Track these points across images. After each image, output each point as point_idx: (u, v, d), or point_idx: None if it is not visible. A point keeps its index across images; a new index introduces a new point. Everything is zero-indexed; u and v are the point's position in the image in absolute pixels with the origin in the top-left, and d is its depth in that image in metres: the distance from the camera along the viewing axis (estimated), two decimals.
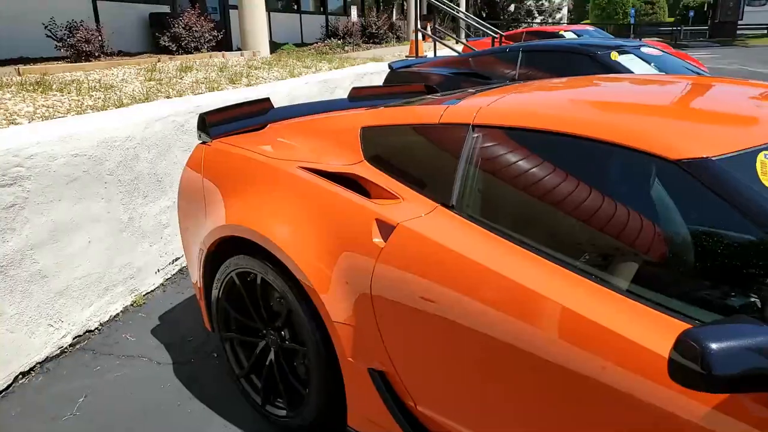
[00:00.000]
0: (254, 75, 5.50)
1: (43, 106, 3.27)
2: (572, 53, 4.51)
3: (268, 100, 2.69)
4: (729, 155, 1.28)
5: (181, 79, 4.83)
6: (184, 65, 5.69)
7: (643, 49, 4.64)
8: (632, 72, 4.20)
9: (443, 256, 1.53)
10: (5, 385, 2.33)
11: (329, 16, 16.01)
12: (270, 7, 13.22)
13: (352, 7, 13.26)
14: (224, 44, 9.49)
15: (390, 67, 5.68)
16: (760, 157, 1.28)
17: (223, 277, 2.14)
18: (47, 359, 2.52)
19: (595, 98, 1.91)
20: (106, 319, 2.85)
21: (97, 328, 2.78)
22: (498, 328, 1.38)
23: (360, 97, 2.90)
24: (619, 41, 5.44)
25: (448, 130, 1.78)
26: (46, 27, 6.12)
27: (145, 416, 2.19)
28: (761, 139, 1.34)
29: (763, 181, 1.23)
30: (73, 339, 2.65)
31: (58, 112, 3.17)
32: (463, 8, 26.71)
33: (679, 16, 49.50)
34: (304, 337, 1.89)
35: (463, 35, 17.84)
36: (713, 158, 1.28)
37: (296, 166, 2.01)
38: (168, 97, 3.93)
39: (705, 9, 35.00)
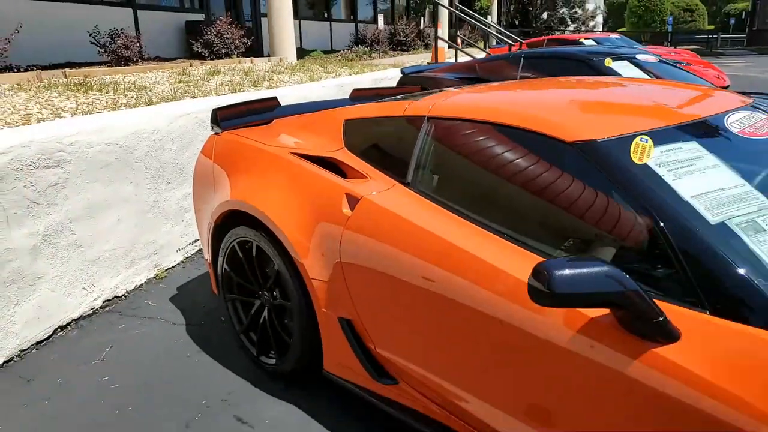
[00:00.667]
0: (276, 79, 5.93)
1: (84, 103, 3.73)
2: (568, 59, 4.79)
3: (275, 98, 3.08)
4: (611, 138, 1.59)
5: (207, 81, 5.28)
6: (212, 69, 6.17)
7: (639, 56, 4.89)
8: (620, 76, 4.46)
9: (396, 222, 1.87)
10: (46, 336, 2.76)
11: (359, 24, 16.47)
12: (301, 16, 13.78)
13: (379, 15, 13.68)
14: (255, 51, 10.01)
15: (402, 72, 6.04)
16: (636, 140, 1.58)
17: (226, 245, 2.53)
18: (81, 317, 2.95)
19: (530, 95, 2.23)
20: (132, 288, 3.27)
21: (123, 295, 3.20)
22: (433, 280, 1.72)
23: (360, 97, 3.26)
24: (625, 49, 5.67)
25: (409, 121, 2.13)
26: (90, 35, 6.69)
27: (159, 363, 2.58)
28: (643, 127, 1.65)
29: (633, 159, 1.54)
30: (103, 302, 3.08)
31: (96, 108, 3.62)
32: (495, 17, 26.93)
33: (720, 23, 48.60)
34: (289, 293, 2.26)
35: (494, 42, 18.07)
36: (601, 143, 1.59)
37: (289, 152, 2.39)
38: (193, 97, 4.36)
39: (743, 16, 34.32)
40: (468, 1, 27.18)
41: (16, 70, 5.39)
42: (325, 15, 15.08)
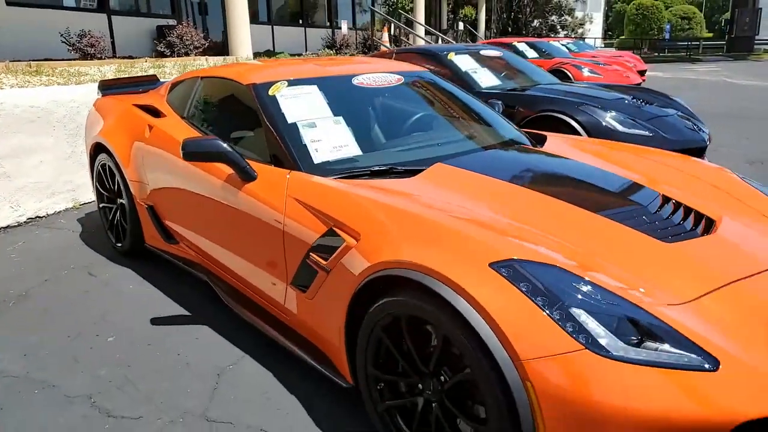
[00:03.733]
0: None
1: (29, 82, 4.99)
2: (424, 54, 5.99)
3: (155, 76, 4.32)
4: (263, 84, 2.78)
5: (145, 72, 6.55)
6: (157, 65, 7.44)
7: (483, 52, 6.07)
8: (458, 66, 5.63)
9: (166, 137, 3.09)
10: None
11: (335, 30, 17.75)
12: (274, 21, 15.12)
13: (342, 21, 14.98)
14: (220, 51, 11.30)
15: None
16: (277, 83, 2.77)
17: (97, 167, 3.75)
18: (8, 226, 4.20)
19: (267, 65, 3.45)
20: (51, 212, 4.52)
21: (44, 216, 4.45)
22: (188, 174, 2.90)
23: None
24: (491, 49, 6.81)
25: (195, 80, 3.34)
26: (61, 35, 8.00)
27: (53, 250, 3.82)
28: (288, 77, 2.84)
29: (271, 93, 2.73)
30: (27, 219, 4.33)
31: (32, 84, 4.89)
32: (482, 25, 28.05)
33: (717, 31, 49.30)
34: (125, 195, 3.47)
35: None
36: (259, 84, 2.79)
37: (132, 104, 3.62)
38: None
39: (723, 24, 35.19)
40: (455, 11, 28.49)
41: None
42: (300, 21, 16.38)
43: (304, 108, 2.67)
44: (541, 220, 1.96)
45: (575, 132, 4.59)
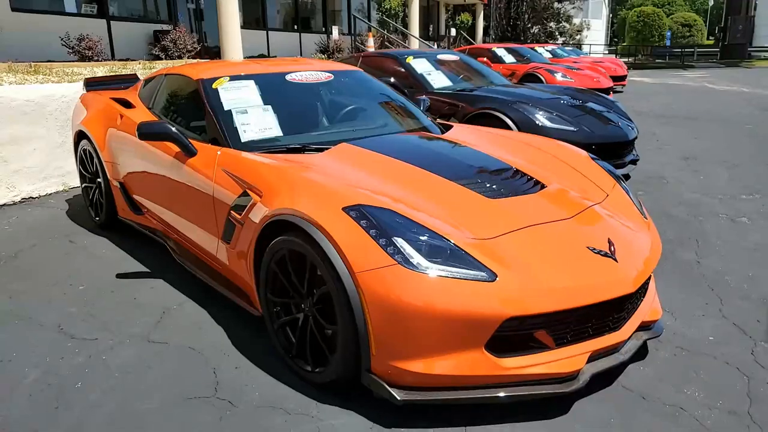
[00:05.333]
0: None
1: (26, 80, 5.62)
2: (387, 56, 6.59)
3: (135, 75, 4.94)
4: (210, 79, 3.38)
5: (132, 71, 7.16)
6: (149, 66, 8.07)
7: (440, 56, 6.67)
8: (414, 69, 6.22)
9: (133, 124, 3.68)
10: None
11: (330, 36, 18.40)
12: (268, 27, 15.78)
13: (334, 27, 15.61)
14: (214, 54, 11.95)
15: None
16: (220, 78, 3.36)
17: (80, 151, 4.36)
18: (4, 204, 4.81)
19: (220, 64, 4.04)
20: (44, 194, 5.14)
21: (37, 197, 5.07)
22: (146, 154, 3.51)
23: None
24: (450, 54, 7.39)
25: (161, 77, 3.94)
26: (61, 39, 8.66)
27: (45, 225, 4.43)
28: (230, 73, 3.43)
29: (215, 87, 3.32)
30: (21, 199, 4.95)
31: (29, 82, 5.51)
32: (480, 31, 28.62)
33: (718, 38, 49.64)
34: (101, 176, 4.07)
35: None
36: (206, 79, 3.38)
37: (110, 98, 4.23)
38: None
39: (717, 32, 35.61)
40: (453, 18, 29.13)
41: None
42: (295, 27, 17.05)
43: (240, 98, 3.26)
44: (403, 183, 2.55)
45: (508, 127, 5.16)
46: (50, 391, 2.36)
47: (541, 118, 5.16)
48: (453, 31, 23.35)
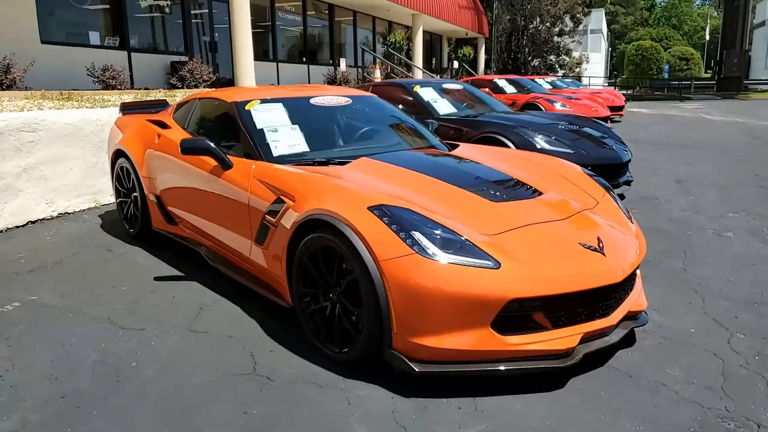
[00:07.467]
0: None
1: (63, 105, 6.06)
2: (396, 86, 7.05)
3: (165, 100, 5.38)
4: (243, 101, 3.79)
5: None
6: (169, 95, 8.55)
7: (445, 85, 7.12)
8: (421, 97, 6.66)
9: (171, 143, 4.08)
10: (22, 223, 5.00)
11: (337, 68, 19.05)
12: (278, 59, 16.41)
13: (341, 59, 16.25)
14: (231, 85, 12.49)
15: None
16: (252, 101, 3.77)
17: (117, 169, 4.75)
18: (43, 219, 5.19)
19: (249, 90, 4.46)
20: (78, 210, 5.52)
21: (72, 212, 5.45)
22: (185, 170, 3.90)
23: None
24: (454, 84, 7.85)
25: (194, 101, 4.36)
26: (87, 69, 9.18)
27: (82, 236, 4.79)
28: (261, 96, 3.84)
29: (247, 108, 3.73)
30: (58, 214, 5.33)
31: (66, 107, 5.95)
32: (482, 63, 29.38)
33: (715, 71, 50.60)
34: (137, 188, 4.46)
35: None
36: (240, 102, 3.79)
37: (146, 119, 4.64)
38: None
39: (712, 65, 36.45)
40: (456, 51, 29.97)
41: (28, 89, 7.82)
42: (303, 59, 17.70)
43: (270, 119, 3.66)
44: (417, 189, 2.93)
45: None
46: (110, 369, 2.70)
47: (540, 142, 5.56)
48: (455, 64, 24.01)
